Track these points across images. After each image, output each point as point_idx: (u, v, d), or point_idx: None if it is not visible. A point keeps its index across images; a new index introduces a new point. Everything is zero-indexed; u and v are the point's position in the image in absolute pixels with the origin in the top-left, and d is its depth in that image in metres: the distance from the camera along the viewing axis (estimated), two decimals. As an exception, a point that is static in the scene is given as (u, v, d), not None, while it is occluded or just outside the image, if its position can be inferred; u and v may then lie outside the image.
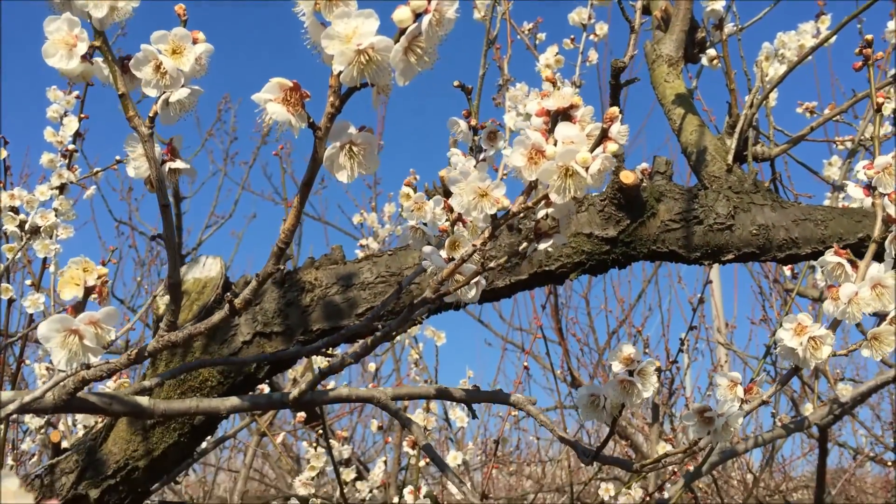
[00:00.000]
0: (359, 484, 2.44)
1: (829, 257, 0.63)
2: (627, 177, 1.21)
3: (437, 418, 1.87)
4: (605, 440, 0.70)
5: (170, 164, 0.54)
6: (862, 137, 1.49)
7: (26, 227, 1.24)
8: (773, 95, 1.62)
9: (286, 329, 1.23)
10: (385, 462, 1.84)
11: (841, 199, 1.71)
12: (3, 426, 1.08)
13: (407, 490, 1.36)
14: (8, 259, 1.29)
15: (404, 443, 1.39)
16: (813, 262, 2.06)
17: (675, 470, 1.51)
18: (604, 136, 0.53)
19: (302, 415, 2.05)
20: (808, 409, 2.04)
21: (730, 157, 1.35)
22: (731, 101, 1.38)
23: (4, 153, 1.48)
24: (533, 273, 1.25)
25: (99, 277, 0.53)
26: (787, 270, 1.93)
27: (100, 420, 1.35)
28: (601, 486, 1.43)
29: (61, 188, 1.46)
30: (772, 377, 3.07)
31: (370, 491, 2.52)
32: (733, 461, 4.66)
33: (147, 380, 0.66)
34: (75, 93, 1.75)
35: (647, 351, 3.78)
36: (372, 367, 2.09)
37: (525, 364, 1.75)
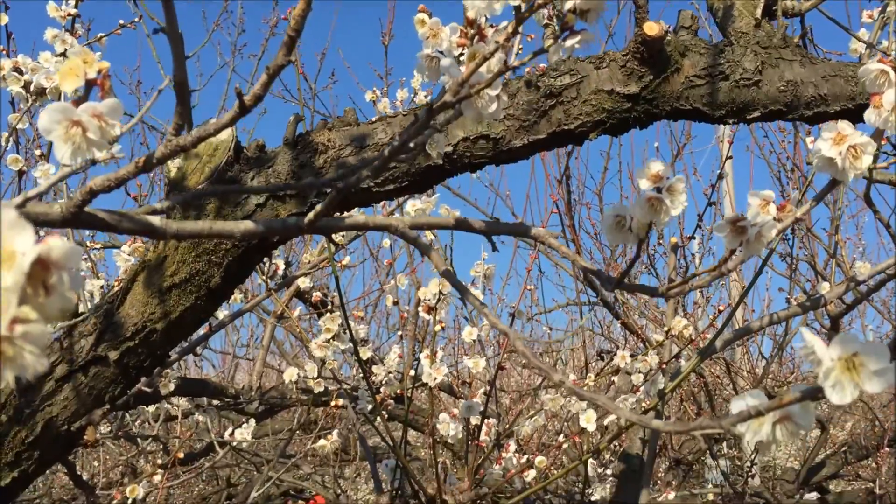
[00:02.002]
0: (374, 368, 2.48)
1: (873, 65, 0.59)
2: (651, 28, 1.16)
3: (453, 298, 1.86)
4: (630, 265, 0.69)
5: (170, -49, 0.51)
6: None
7: (31, 87, 1.21)
8: (806, -51, 1.53)
9: (299, 191, 1.21)
10: (401, 337, 1.85)
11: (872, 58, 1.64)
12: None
13: (423, 355, 1.36)
14: (11, 125, 1.26)
15: (419, 309, 1.39)
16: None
17: (693, 338, 1.51)
18: None
19: (318, 295, 2.05)
20: (825, 287, 2.02)
21: (758, 12, 1.29)
22: (762, -47, 1.30)
23: (5, 19, 1.43)
24: (552, 132, 1.21)
25: (100, 71, 0.50)
26: (809, 144, 1.88)
27: (116, 284, 1.35)
28: (618, 354, 1.43)
29: (65, 55, 1.42)
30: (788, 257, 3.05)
31: (386, 374, 2.56)
32: (744, 352, 4.71)
33: (159, 203, 0.64)
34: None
35: (660, 242, 3.76)
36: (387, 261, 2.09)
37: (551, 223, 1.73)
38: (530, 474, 1.53)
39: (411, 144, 0.59)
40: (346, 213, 1.20)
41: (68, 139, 0.48)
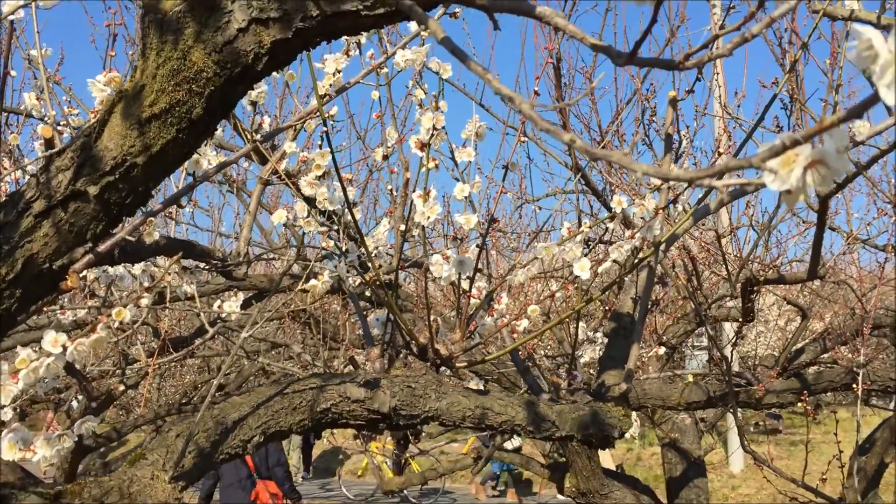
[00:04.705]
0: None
1: None
2: None
3: (445, 158, 1.81)
4: (645, 33, 0.63)
5: None
6: None
7: None
8: None
9: (283, 14, 1.14)
10: (394, 197, 1.81)
11: None
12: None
13: (416, 194, 1.32)
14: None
15: (411, 144, 1.33)
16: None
17: (692, 182, 1.47)
18: None
19: (304, 155, 1.99)
20: (822, 148, 1.98)
21: None
22: None
23: None
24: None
25: None
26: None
27: (93, 116, 1.29)
28: (614, 199, 1.40)
29: None
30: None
31: (375, 248, 2.52)
32: (731, 238, 4.73)
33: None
34: None
35: (653, 119, 3.70)
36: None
37: (536, 89, 1.66)
38: (522, 324, 1.52)
39: None
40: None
41: None
